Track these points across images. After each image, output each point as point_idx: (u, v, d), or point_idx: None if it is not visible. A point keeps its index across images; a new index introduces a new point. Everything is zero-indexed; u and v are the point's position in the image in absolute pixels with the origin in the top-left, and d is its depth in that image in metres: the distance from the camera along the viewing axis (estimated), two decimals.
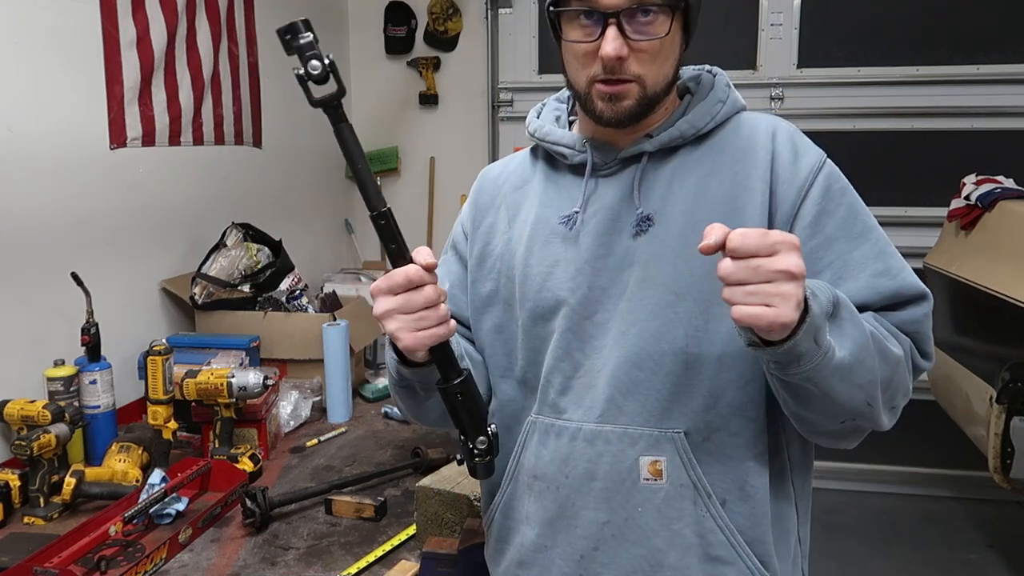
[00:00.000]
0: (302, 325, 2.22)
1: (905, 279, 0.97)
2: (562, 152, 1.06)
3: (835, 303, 0.84)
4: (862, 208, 1.00)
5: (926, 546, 3.16)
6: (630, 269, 0.99)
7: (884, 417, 0.93)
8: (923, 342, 0.98)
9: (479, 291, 1.11)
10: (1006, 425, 2.33)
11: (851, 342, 0.84)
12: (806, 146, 1.01)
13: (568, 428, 1.01)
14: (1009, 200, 2.59)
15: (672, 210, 0.99)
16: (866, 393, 0.88)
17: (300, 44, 0.83)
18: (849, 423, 0.92)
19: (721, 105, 1.03)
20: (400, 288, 0.87)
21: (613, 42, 0.91)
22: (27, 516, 1.52)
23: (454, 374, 0.91)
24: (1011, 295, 2.27)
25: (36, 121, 1.83)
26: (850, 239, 0.97)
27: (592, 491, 1.00)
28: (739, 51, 3.52)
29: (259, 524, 1.48)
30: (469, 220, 1.16)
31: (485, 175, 1.19)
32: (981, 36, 3.36)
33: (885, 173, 3.49)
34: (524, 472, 1.07)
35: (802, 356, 0.80)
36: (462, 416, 0.93)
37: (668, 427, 0.97)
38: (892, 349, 0.91)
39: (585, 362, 1.01)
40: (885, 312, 0.96)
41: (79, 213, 1.96)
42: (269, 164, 2.93)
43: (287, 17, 0.87)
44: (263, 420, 1.86)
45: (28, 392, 1.71)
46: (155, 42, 2.19)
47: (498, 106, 3.78)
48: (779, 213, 0.97)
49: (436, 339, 0.88)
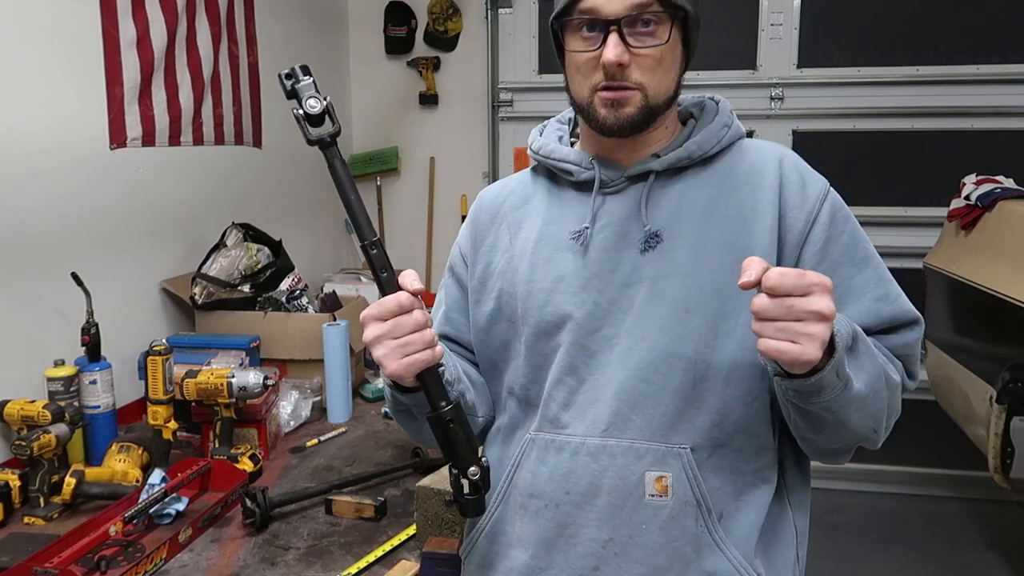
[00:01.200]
0: (302, 325, 2.22)
1: (902, 305, 1.01)
2: (568, 169, 1.07)
3: (854, 337, 0.87)
4: (863, 235, 1.04)
5: (926, 546, 3.16)
6: (638, 285, 1.00)
7: (882, 438, 0.99)
8: (912, 364, 1.04)
9: (483, 310, 1.11)
10: (1006, 425, 2.33)
11: (867, 374, 0.88)
12: (811, 174, 1.05)
13: (570, 443, 1.00)
14: (1009, 200, 2.59)
15: (681, 228, 1.00)
16: (875, 420, 0.94)
17: (300, 86, 0.91)
18: (850, 445, 0.98)
19: (727, 129, 1.05)
20: (390, 314, 0.90)
21: (615, 48, 0.94)
22: (27, 516, 1.52)
23: (443, 402, 0.93)
24: (1011, 295, 2.27)
25: (36, 121, 1.83)
26: (852, 264, 1.01)
27: (595, 508, 0.99)
28: (739, 51, 3.51)
29: (259, 524, 1.48)
30: (468, 242, 1.16)
31: (484, 196, 1.19)
32: (981, 36, 3.36)
33: (885, 173, 3.50)
34: (518, 492, 1.05)
35: (824, 388, 0.83)
36: (453, 444, 0.93)
37: (675, 442, 0.97)
38: (893, 377, 0.96)
39: (589, 377, 1.01)
40: (881, 335, 1.00)
41: (79, 213, 1.96)
42: (269, 164, 2.93)
43: (287, 17, 0.88)
44: (263, 420, 1.86)
45: (28, 392, 1.71)
46: (155, 42, 2.19)
47: (498, 106, 3.78)
48: (789, 236, 1.00)
49: (421, 365, 0.91)
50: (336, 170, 0.91)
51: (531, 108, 3.75)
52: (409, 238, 3.88)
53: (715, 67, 3.49)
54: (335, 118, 0.91)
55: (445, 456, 0.94)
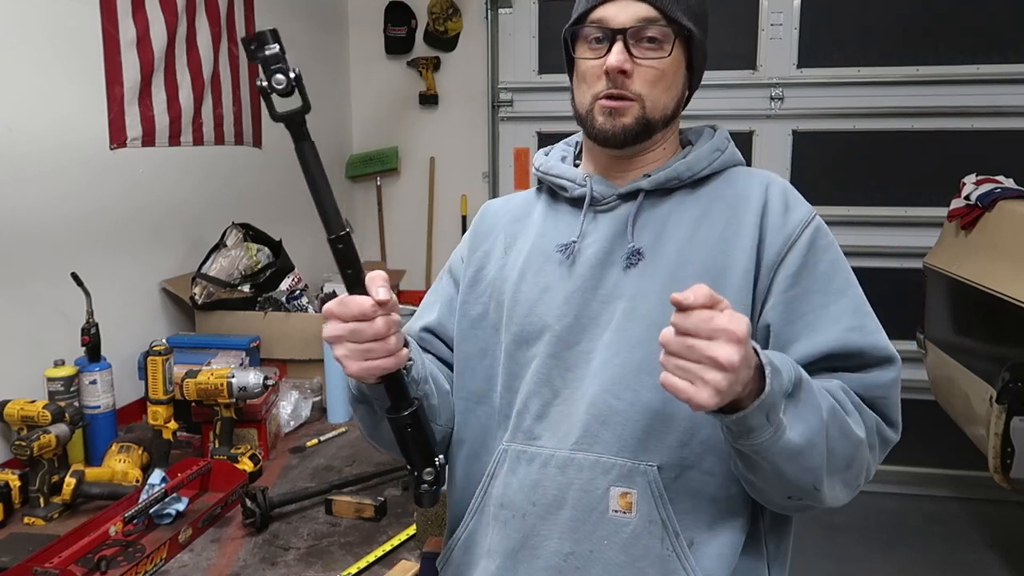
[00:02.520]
0: (302, 325, 2.22)
1: (876, 340, 0.97)
2: (563, 185, 1.09)
3: (796, 383, 0.84)
4: (844, 266, 1.02)
5: (926, 546, 3.16)
6: (617, 301, 1.01)
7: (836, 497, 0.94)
8: (890, 410, 0.98)
9: (468, 312, 1.12)
10: (1006, 425, 2.33)
11: (805, 425, 0.84)
12: (797, 200, 1.04)
13: (541, 454, 1.01)
14: (1009, 200, 2.59)
15: (663, 247, 1.01)
16: (814, 476, 0.88)
17: (265, 55, 0.80)
18: (796, 501, 0.92)
19: (719, 154, 1.07)
20: (351, 318, 0.87)
21: (618, 55, 0.98)
22: (27, 516, 1.52)
23: (404, 404, 0.92)
24: (1011, 295, 2.27)
25: (36, 121, 1.83)
26: (827, 293, 0.98)
27: (558, 520, 0.98)
28: (739, 51, 3.52)
29: (259, 524, 1.48)
30: (467, 248, 1.18)
31: (487, 208, 1.22)
32: (981, 36, 3.36)
33: (885, 173, 3.50)
34: (491, 502, 1.05)
35: (752, 430, 0.81)
36: (410, 447, 0.93)
37: (642, 459, 0.96)
38: (854, 430, 0.91)
39: (564, 390, 1.01)
40: (852, 374, 0.96)
41: (79, 213, 1.96)
42: (269, 164, 2.93)
43: (287, 17, 0.87)
44: (263, 420, 1.86)
45: (28, 392, 1.71)
46: (155, 42, 2.19)
47: (498, 106, 3.79)
48: (766, 258, 0.99)
49: (382, 371, 0.90)
50: (304, 152, 0.84)
51: (531, 108, 3.75)
52: (409, 238, 3.88)
53: (715, 67, 3.47)
54: (305, 95, 0.81)
55: (401, 456, 0.94)
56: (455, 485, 1.13)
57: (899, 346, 1.00)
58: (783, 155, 3.55)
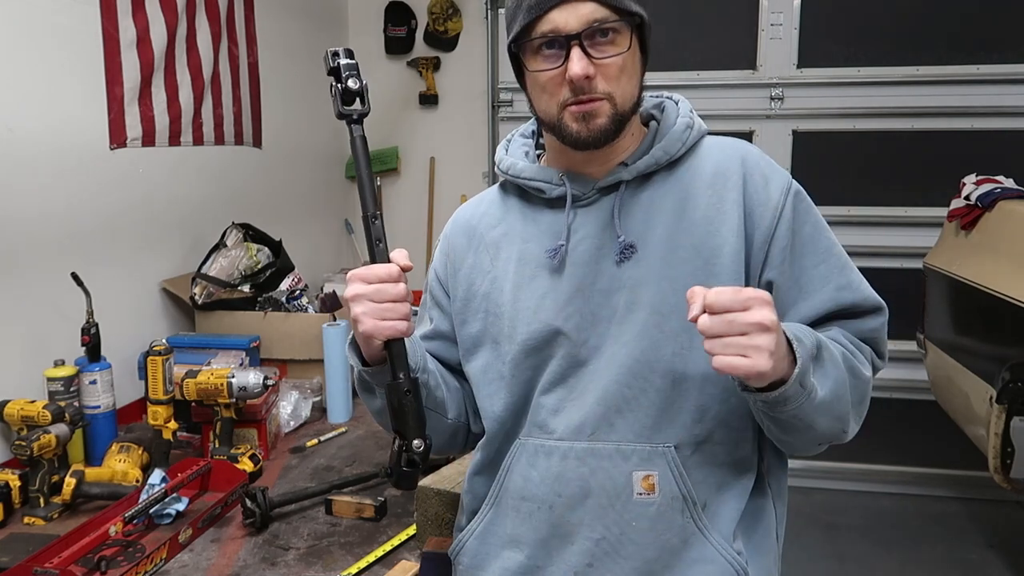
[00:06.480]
0: (302, 325, 2.22)
1: (864, 293, 1.05)
2: (539, 188, 1.09)
3: (818, 346, 0.91)
4: (824, 224, 1.07)
5: (926, 546, 3.16)
6: (618, 294, 1.02)
7: (854, 430, 1.03)
8: (880, 346, 1.07)
9: (468, 332, 1.13)
10: (1006, 425, 2.33)
11: (832, 381, 0.93)
12: (774, 169, 1.06)
13: (559, 448, 1.04)
14: (1009, 200, 2.59)
15: (652, 236, 1.03)
16: (842, 422, 0.98)
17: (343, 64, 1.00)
18: (824, 444, 1.02)
19: (690, 131, 1.07)
20: (377, 279, 0.96)
21: (579, 62, 0.96)
22: (27, 516, 1.52)
23: (402, 373, 0.96)
24: (1011, 295, 2.27)
25: (36, 121, 1.83)
26: (816, 254, 1.04)
27: (586, 508, 1.02)
28: (739, 51, 3.51)
29: (259, 524, 1.48)
30: (443, 267, 1.18)
31: (457, 218, 1.21)
32: (981, 36, 3.36)
33: (885, 173, 3.49)
34: (509, 495, 1.08)
35: (789, 399, 0.88)
36: (407, 414, 0.95)
37: (659, 442, 1.00)
38: (863, 371, 1.00)
39: (578, 385, 1.04)
40: (846, 321, 1.03)
41: (79, 213, 1.96)
42: (269, 164, 2.93)
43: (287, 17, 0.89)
44: (263, 420, 1.86)
45: (28, 392, 1.71)
46: (155, 42, 2.19)
47: (498, 106, 3.78)
48: (756, 235, 1.02)
49: (395, 332, 0.95)
50: (356, 145, 0.98)
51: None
52: (409, 238, 3.87)
53: (715, 67, 3.50)
54: (367, 101, 1.00)
55: (395, 425, 0.97)
56: (470, 478, 1.16)
57: (899, 346, 1.04)
58: (783, 155, 3.55)
